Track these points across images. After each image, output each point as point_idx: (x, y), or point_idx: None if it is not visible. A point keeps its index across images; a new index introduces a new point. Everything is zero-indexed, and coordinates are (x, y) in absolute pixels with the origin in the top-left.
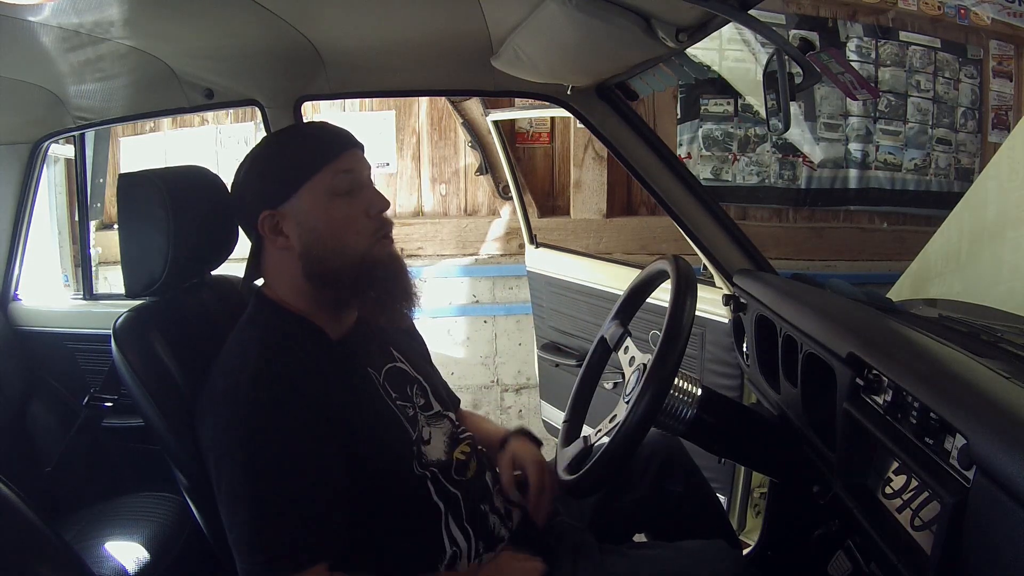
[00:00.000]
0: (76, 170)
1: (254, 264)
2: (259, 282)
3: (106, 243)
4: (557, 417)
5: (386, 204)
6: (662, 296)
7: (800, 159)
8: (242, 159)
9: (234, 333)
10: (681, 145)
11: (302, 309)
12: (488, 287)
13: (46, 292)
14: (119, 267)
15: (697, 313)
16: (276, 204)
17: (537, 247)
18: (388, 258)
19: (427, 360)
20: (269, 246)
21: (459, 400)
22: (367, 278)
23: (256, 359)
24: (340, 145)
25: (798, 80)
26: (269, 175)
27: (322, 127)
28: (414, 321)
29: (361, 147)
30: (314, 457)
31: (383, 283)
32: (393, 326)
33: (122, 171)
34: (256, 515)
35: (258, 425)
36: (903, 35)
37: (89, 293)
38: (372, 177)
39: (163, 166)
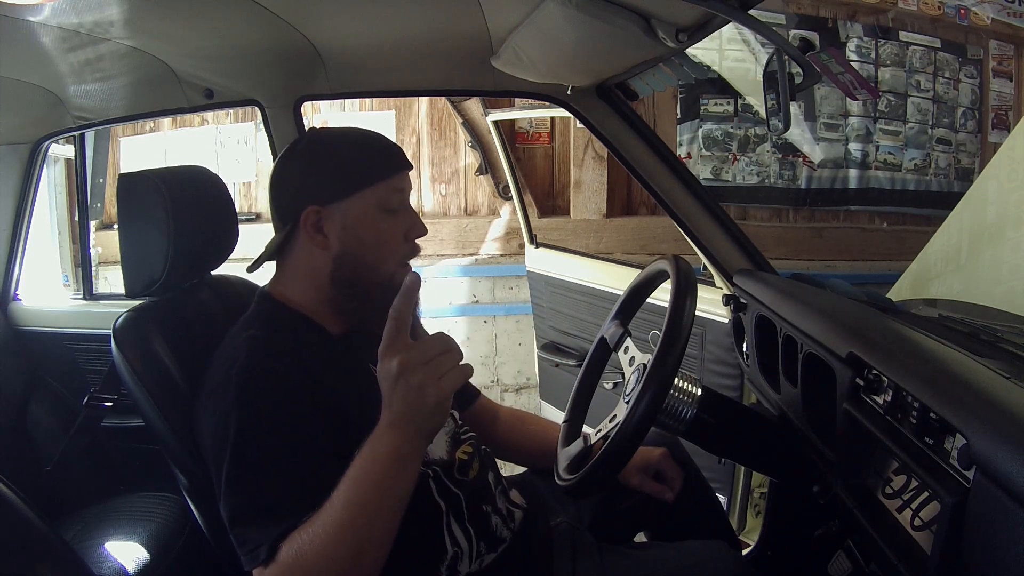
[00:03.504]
0: (76, 170)
1: (276, 249)
2: (263, 282)
3: (106, 243)
4: (557, 417)
5: (425, 231)
6: (662, 296)
7: (800, 159)
8: (294, 146)
9: (230, 332)
10: (681, 145)
11: (307, 307)
12: (488, 287)
13: (46, 292)
14: (119, 267)
15: (697, 313)
16: (326, 202)
17: (537, 247)
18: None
19: None
20: (304, 240)
21: (476, 393)
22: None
23: (247, 353)
24: (401, 163)
25: (798, 80)
26: (328, 171)
27: (386, 140)
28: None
29: (412, 167)
30: (303, 448)
31: None
32: None
33: (122, 171)
34: (242, 508)
35: (246, 419)
36: (903, 35)
37: (89, 293)
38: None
39: (163, 166)
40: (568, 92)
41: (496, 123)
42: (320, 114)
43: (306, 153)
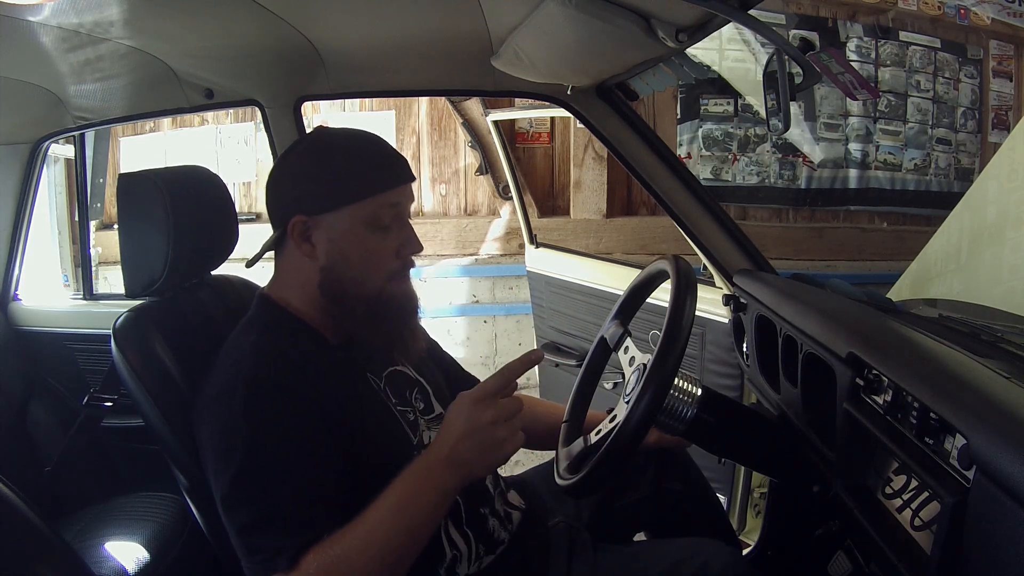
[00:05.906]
0: (76, 170)
1: (271, 250)
2: (263, 282)
3: (106, 243)
4: None
5: (420, 248)
6: (662, 296)
7: (800, 159)
8: (295, 147)
9: (232, 335)
10: (681, 145)
11: (304, 313)
12: (488, 287)
13: (46, 292)
14: (119, 267)
15: (697, 313)
16: (313, 212)
17: (537, 247)
18: (403, 296)
19: (433, 356)
20: (292, 247)
21: (471, 380)
22: (380, 314)
23: (252, 363)
24: (397, 176)
25: (798, 80)
26: (316, 181)
27: (386, 150)
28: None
29: (414, 179)
30: (312, 458)
31: (394, 320)
32: (393, 355)
33: (122, 171)
34: (256, 517)
35: (254, 429)
36: (903, 35)
37: (89, 293)
38: (411, 210)
39: (163, 166)
40: (568, 92)
41: (496, 123)
42: (320, 114)
43: (302, 157)
